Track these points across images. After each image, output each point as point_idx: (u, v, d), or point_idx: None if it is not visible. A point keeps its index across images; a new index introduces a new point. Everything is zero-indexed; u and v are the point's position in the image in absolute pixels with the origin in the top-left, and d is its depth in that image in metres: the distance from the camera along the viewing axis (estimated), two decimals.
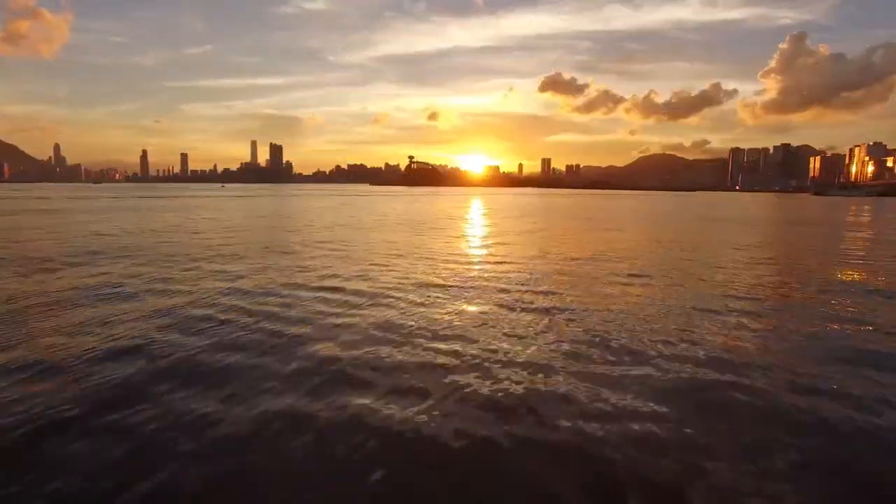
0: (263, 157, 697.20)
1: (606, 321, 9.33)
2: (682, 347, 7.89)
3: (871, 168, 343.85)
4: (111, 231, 25.71)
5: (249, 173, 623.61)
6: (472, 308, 10.28)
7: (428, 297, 11.24)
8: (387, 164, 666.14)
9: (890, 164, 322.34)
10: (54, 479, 4.34)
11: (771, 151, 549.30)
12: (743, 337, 8.56)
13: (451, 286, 12.48)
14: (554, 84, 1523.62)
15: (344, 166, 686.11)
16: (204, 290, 11.61)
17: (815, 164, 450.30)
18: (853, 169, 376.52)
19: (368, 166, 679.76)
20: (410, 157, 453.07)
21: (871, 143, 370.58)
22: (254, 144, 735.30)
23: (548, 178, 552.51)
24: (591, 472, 4.58)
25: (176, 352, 7.38)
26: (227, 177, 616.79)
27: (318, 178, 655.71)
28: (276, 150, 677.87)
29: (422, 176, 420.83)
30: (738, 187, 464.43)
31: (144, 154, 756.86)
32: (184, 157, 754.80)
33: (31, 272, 13.80)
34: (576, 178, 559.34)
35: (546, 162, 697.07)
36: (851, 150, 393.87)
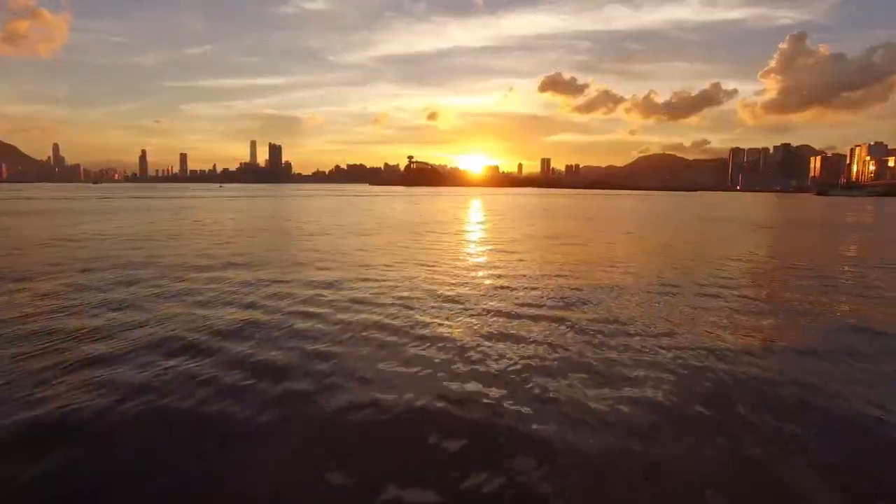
0: (263, 157, 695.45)
1: (650, 361, 7.60)
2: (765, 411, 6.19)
3: (872, 168, 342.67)
4: (85, 236, 23.96)
5: (248, 173, 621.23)
6: (485, 342, 8.50)
7: (428, 322, 9.48)
8: (386, 164, 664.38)
9: (891, 163, 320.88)
10: None
11: (771, 151, 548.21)
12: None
13: (455, 308, 10.70)
14: (554, 84, 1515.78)
15: (343, 166, 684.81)
16: (158, 316, 9.83)
17: (815, 164, 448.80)
18: (854, 169, 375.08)
19: (368, 166, 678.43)
20: (410, 157, 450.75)
21: (872, 143, 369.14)
22: (253, 144, 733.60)
23: (547, 179, 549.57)
24: None
25: (89, 421, 5.64)
26: (226, 177, 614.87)
27: (318, 178, 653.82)
28: (275, 150, 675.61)
29: (421, 176, 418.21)
30: (738, 187, 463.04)
31: (144, 154, 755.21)
32: (183, 157, 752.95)
33: None
34: (575, 179, 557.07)
35: (546, 162, 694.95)
36: (852, 150, 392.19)
